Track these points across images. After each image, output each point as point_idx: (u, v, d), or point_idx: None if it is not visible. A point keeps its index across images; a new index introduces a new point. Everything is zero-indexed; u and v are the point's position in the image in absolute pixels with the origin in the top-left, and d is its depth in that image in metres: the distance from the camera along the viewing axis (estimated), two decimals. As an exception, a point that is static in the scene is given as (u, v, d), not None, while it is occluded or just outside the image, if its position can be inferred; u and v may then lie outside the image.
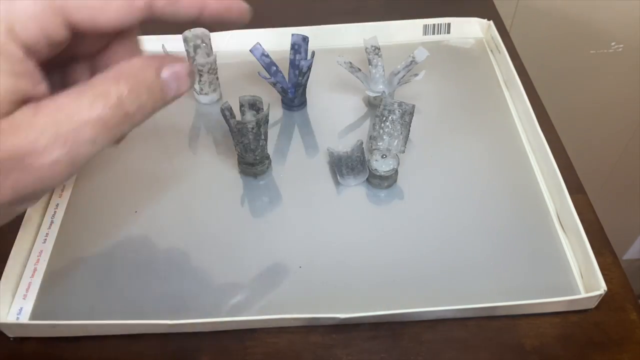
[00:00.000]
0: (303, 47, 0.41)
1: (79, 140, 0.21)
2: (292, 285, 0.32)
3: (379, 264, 0.33)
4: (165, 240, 0.35)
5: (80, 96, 0.21)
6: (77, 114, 0.20)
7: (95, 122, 0.21)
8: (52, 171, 0.21)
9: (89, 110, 0.21)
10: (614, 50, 0.69)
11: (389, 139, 0.36)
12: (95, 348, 0.30)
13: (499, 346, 0.30)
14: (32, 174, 0.20)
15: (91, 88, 0.21)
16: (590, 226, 0.34)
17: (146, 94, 0.22)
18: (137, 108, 0.22)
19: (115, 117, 0.21)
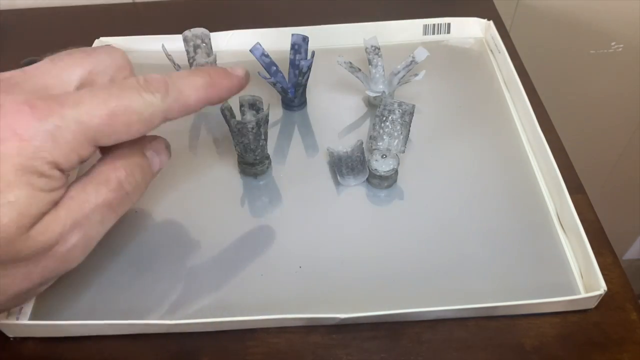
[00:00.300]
0: (303, 47, 0.41)
1: (90, 224, 0.24)
2: (292, 285, 0.32)
3: (379, 264, 0.33)
4: (165, 240, 0.35)
5: (85, 186, 0.24)
6: (86, 202, 0.24)
7: (102, 206, 0.25)
8: (71, 254, 0.24)
9: (95, 197, 0.24)
10: (614, 50, 0.69)
11: (389, 139, 0.36)
12: (95, 348, 0.30)
13: (499, 346, 0.30)
14: (56, 259, 0.24)
15: (94, 177, 0.25)
16: (590, 226, 0.34)
17: (139, 172, 0.26)
18: (135, 186, 0.26)
19: (118, 198, 0.25)
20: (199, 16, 0.54)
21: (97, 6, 0.55)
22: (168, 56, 0.41)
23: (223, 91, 0.28)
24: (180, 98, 0.26)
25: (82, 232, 0.24)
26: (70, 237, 0.24)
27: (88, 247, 0.25)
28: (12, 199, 0.21)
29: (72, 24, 0.54)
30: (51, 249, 0.23)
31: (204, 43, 0.42)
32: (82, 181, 0.24)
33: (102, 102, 0.23)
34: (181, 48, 0.42)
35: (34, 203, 0.22)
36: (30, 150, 0.21)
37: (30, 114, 0.22)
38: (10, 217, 0.21)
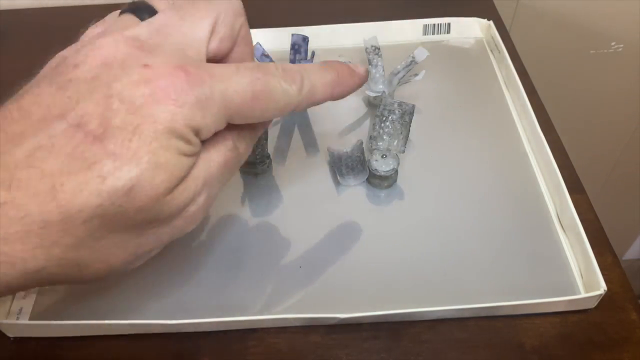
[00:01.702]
0: (303, 47, 0.41)
1: (213, 183, 0.25)
2: (292, 285, 0.32)
3: (379, 264, 0.33)
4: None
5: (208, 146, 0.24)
6: (211, 161, 0.24)
7: (222, 165, 0.25)
8: (197, 213, 0.25)
9: (217, 156, 0.25)
10: (614, 50, 0.69)
11: (389, 139, 0.36)
12: (95, 348, 0.30)
13: (499, 346, 0.30)
14: (185, 219, 0.24)
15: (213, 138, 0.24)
16: (590, 226, 0.34)
17: (248, 132, 0.26)
18: (245, 146, 0.26)
19: (233, 157, 0.26)
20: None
21: (97, 6, 0.55)
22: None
23: (346, 89, 0.28)
24: (311, 93, 0.26)
25: (208, 191, 0.25)
26: (200, 196, 0.24)
27: (208, 206, 0.26)
28: (162, 161, 0.21)
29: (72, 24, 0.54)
30: (184, 209, 0.24)
31: (204, 43, 0.42)
32: (205, 144, 0.24)
33: (248, 84, 0.23)
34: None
35: (179, 166, 0.22)
36: (182, 116, 0.21)
37: (185, 81, 0.22)
38: (161, 178, 0.21)
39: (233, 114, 0.23)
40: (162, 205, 0.22)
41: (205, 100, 0.22)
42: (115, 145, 0.20)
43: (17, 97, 0.22)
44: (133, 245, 0.23)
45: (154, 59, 0.22)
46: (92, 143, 0.20)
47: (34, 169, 0.20)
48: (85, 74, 0.22)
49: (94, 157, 0.20)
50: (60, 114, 0.21)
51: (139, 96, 0.21)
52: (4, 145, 0.20)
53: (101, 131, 0.20)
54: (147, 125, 0.21)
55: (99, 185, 0.20)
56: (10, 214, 0.19)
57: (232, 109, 0.23)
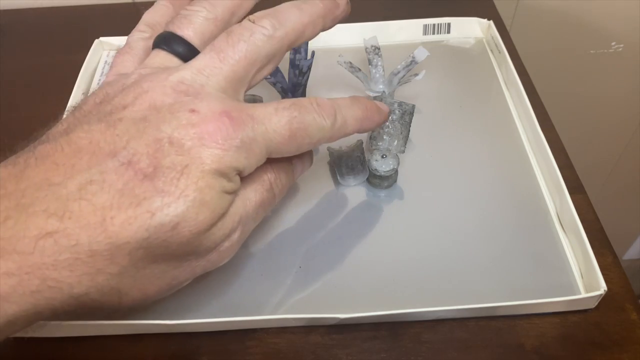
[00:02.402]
0: (303, 47, 0.41)
1: (248, 221, 0.26)
2: (292, 285, 0.32)
3: (379, 264, 0.33)
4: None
5: (247, 186, 0.26)
6: (248, 200, 0.26)
7: (258, 204, 0.27)
8: (231, 249, 0.26)
9: (254, 195, 0.26)
10: (614, 50, 0.69)
11: (389, 139, 0.36)
12: (95, 348, 0.30)
13: (499, 346, 0.30)
14: (219, 253, 0.26)
15: (252, 178, 0.26)
16: (590, 226, 0.34)
17: (285, 176, 0.28)
18: (281, 189, 0.28)
19: (268, 198, 0.27)
20: (199, 16, 0.54)
21: (97, 6, 0.55)
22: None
23: (372, 125, 0.30)
24: (343, 127, 0.27)
25: (242, 228, 0.26)
26: (234, 234, 0.25)
27: (242, 242, 0.27)
28: (207, 199, 0.23)
29: (72, 24, 0.54)
30: (221, 244, 0.25)
31: (204, 43, 0.42)
32: (242, 180, 0.26)
33: (287, 123, 0.25)
34: (181, 48, 0.42)
35: (221, 204, 0.24)
36: (227, 159, 0.23)
37: (230, 125, 0.23)
38: (205, 215, 0.23)
39: (272, 151, 0.25)
40: (202, 239, 0.23)
41: (248, 143, 0.24)
42: (164, 184, 0.22)
43: (66, 131, 0.23)
44: (170, 276, 0.24)
45: (199, 104, 0.24)
46: (142, 181, 0.22)
47: (86, 202, 0.21)
48: (134, 115, 0.23)
49: (144, 194, 0.22)
50: (111, 152, 0.22)
51: (188, 139, 0.23)
52: (58, 177, 0.22)
53: (151, 170, 0.22)
54: (195, 166, 0.22)
55: (148, 220, 0.21)
56: (61, 242, 0.21)
57: (272, 147, 0.25)
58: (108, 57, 0.48)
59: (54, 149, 0.22)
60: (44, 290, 0.21)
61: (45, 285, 0.21)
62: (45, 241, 0.21)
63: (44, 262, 0.21)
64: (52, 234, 0.21)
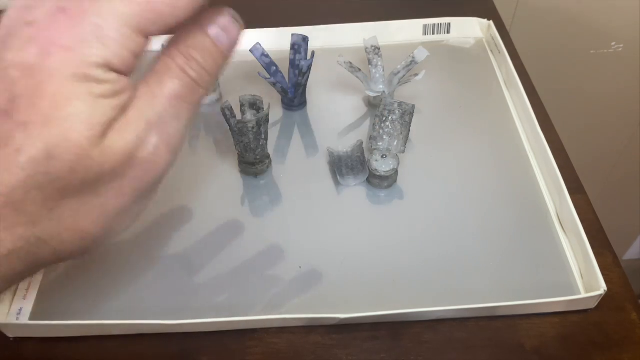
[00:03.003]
0: (303, 47, 0.41)
1: (165, 121, 0.23)
2: (292, 285, 0.32)
3: (379, 264, 0.33)
4: (165, 240, 0.35)
5: (149, 81, 0.22)
6: (153, 97, 0.22)
7: (171, 98, 0.23)
8: (155, 157, 0.23)
9: (160, 90, 0.22)
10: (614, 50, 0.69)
11: (389, 139, 0.36)
12: (95, 348, 0.30)
13: (499, 346, 0.30)
14: (142, 167, 0.22)
15: (155, 71, 0.23)
16: (590, 226, 0.34)
17: (201, 56, 0.23)
18: (200, 71, 0.23)
19: (185, 87, 0.23)
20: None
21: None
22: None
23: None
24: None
25: (160, 130, 0.23)
26: (149, 138, 0.22)
27: (171, 145, 0.24)
28: (74, 112, 0.20)
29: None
30: (133, 156, 0.22)
31: (204, 43, 0.42)
32: (145, 77, 0.23)
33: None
34: (181, 48, 0.42)
35: (99, 111, 0.21)
36: (77, 59, 0.20)
37: (66, 20, 0.20)
38: (78, 132, 0.20)
39: (140, 25, 0.21)
40: (96, 158, 0.21)
41: (96, 30, 0.20)
42: (22, 114, 0.20)
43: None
44: (96, 206, 0.22)
45: (34, 12, 0.21)
46: (2, 120, 0.20)
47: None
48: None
49: (8, 132, 0.20)
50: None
51: (31, 56, 0.20)
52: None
53: (7, 104, 0.20)
54: (48, 82, 0.20)
55: (18, 158, 0.20)
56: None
57: (135, 21, 0.21)
58: (108, 57, 0.48)
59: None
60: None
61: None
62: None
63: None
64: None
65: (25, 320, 0.31)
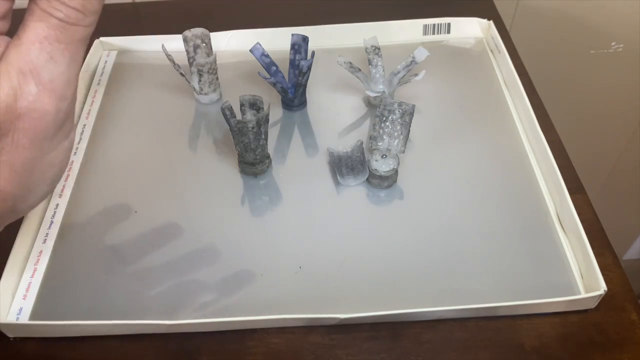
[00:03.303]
0: (303, 47, 0.41)
1: (38, 66, 0.22)
2: (292, 285, 0.32)
3: (379, 264, 0.33)
4: (165, 240, 0.35)
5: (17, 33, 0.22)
6: (19, 45, 0.22)
7: (36, 42, 0.22)
8: (39, 105, 0.22)
9: (26, 36, 0.22)
10: (614, 50, 0.69)
11: (389, 139, 0.36)
12: (95, 348, 0.30)
13: (499, 346, 0.30)
14: (28, 116, 0.22)
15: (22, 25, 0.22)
16: (590, 226, 0.34)
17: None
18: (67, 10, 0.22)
19: (52, 28, 0.22)
20: (198, 16, 0.54)
21: (97, 6, 0.55)
22: (168, 56, 0.41)
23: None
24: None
25: (35, 76, 0.22)
26: (25, 87, 0.22)
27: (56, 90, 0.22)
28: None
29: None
30: (13, 107, 0.21)
31: (203, 43, 0.42)
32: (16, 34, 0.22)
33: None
34: (181, 48, 0.42)
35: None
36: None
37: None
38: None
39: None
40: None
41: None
42: None
43: None
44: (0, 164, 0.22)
45: None
46: None
47: None
48: None
49: None
50: None
51: None
52: None
53: None
54: None
55: None
56: None
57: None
58: (108, 57, 0.48)
59: None
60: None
61: None
62: None
63: None
64: None
65: (25, 320, 0.31)
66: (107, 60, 0.47)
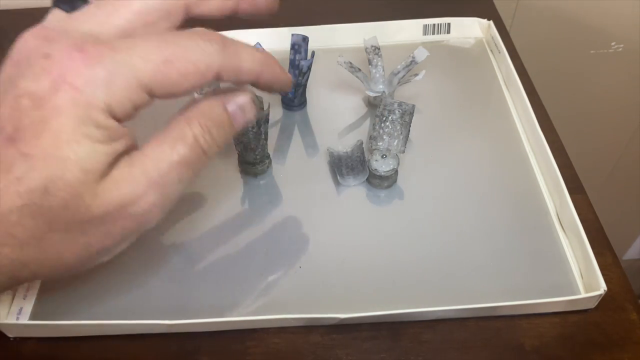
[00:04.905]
0: (303, 47, 0.41)
1: (167, 183, 0.23)
2: (292, 285, 0.32)
3: (379, 264, 0.33)
4: (165, 240, 0.35)
5: (161, 143, 0.23)
6: (162, 160, 0.23)
7: (178, 164, 0.23)
8: (149, 214, 0.23)
9: (171, 154, 0.23)
10: (614, 50, 0.69)
11: (389, 139, 0.36)
12: (95, 348, 0.30)
13: (499, 346, 0.30)
14: (134, 219, 0.23)
15: (169, 133, 0.23)
16: (590, 226, 0.34)
17: (216, 129, 0.24)
18: (211, 143, 0.24)
19: (194, 155, 0.24)
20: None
21: (97, 6, 0.55)
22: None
23: (274, 78, 0.26)
24: (236, 59, 0.24)
25: (159, 191, 0.23)
26: (147, 196, 0.23)
27: (166, 206, 0.24)
28: (72, 156, 0.20)
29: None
30: (127, 208, 0.22)
31: (204, 43, 0.42)
32: (157, 138, 0.23)
33: (156, 48, 0.22)
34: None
35: (95, 156, 0.21)
36: (84, 100, 0.20)
37: (81, 61, 0.21)
38: (73, 174, 0.21)
39: (150, 84, 0.22)
40: (87, 202, 0.21)
41: (108, 76, 0.21)
42: (26, 145, 0.20)
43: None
44: (81, 243, 0.23)
45: (54, 46, 0.21)
46: (7, 146, 0.20)
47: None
48: (3, 77, 0.22)
49: (10, 159, 0.20)
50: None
51: (43, 89, 0.20)
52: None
53: (13, 132, 0.20)
54: (54, 119, 0.20)
55: (17, 187, 0.20)
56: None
57: (146, 78, 0.22)
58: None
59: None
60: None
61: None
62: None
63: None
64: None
65: (25, 320, 0.31)
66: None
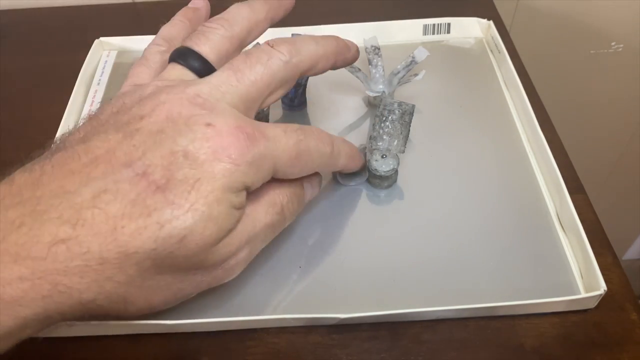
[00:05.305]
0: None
1: (256, 241, 0.27)
2: (292, 285, 0.32)
3: (379, 264, 0.33)
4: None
5: (258, 206, 0.27)
6: (257, 221, 0.26)
7: (267, 226, 0.27)
8: (236, 267, 0.27)
9: (264, 216, 0.27)
10: (614, 50, 0.69)
11: (389, 139, 0.36)
12: (95, 348, 0.30)
13: (499, 346, 0.30)
14: (225, 272, 0.26)
15: (264, 199, 0.27)
16: (590, 226, 0.34)
17: (296, 200, 0.29)
18: (291, 212, 0.29)
19: (279, 220, 0.28)
20: (199, 16, 0.54)
21: (97, 6, 0.55)
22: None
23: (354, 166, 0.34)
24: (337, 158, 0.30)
25: (250, 247, 0.27)
26: (241, 252, 0.26)
27: (248, 262, 0.28)
28: (215, 214, 0.23)
29: (72, 24, 0.54)
30: (225, 261, 0.25)
31: (204, 43, 0.42)
32: (254, 201, 0.26)
33: (294, 145, 0.26)
34: (181, 48, 0.42)
35: (228, 219, 0.24)
36: (238, 174, 0.24)
37: (244, 141, 0.24)
38: (212, 230, 0.23)
39: (278, 170, 0.26)
40: (207, 254, 0.24)
41: (259, 160, 0.24)
42: (175, 196, 0.22)
43: (83, 139, 0.24)
44: (175, 288, 0.25)
45: (215, 118, 0.24)
46: (154, 192, 0.22)
47: (99, 210, 0.22)
48: (151, 126, 0.24)
49: (155, 205, 0.22)
50: (127, 162, 0.23)
51: (202, 153, 0.23)
52: (73, 185, 0.22)
53: (164, 182, 0.22)
54: (206, 180, 0.23)
55: (157, 231, 0.22)
56: (73, 249, 0.21)
57: (279, 166, 0.26)
58: (108, 57, 0.48)
59: (71, 156, 0.23)
60: (54, 295, 0.21)
61: (56, 290, 0.21)
62: (57, 247, 0.21)
63: (55, 268, 0.21)
64: (65, 240, 0.21)
65: (26, 320, 0.31)
66: (107, 60, 0.47)
